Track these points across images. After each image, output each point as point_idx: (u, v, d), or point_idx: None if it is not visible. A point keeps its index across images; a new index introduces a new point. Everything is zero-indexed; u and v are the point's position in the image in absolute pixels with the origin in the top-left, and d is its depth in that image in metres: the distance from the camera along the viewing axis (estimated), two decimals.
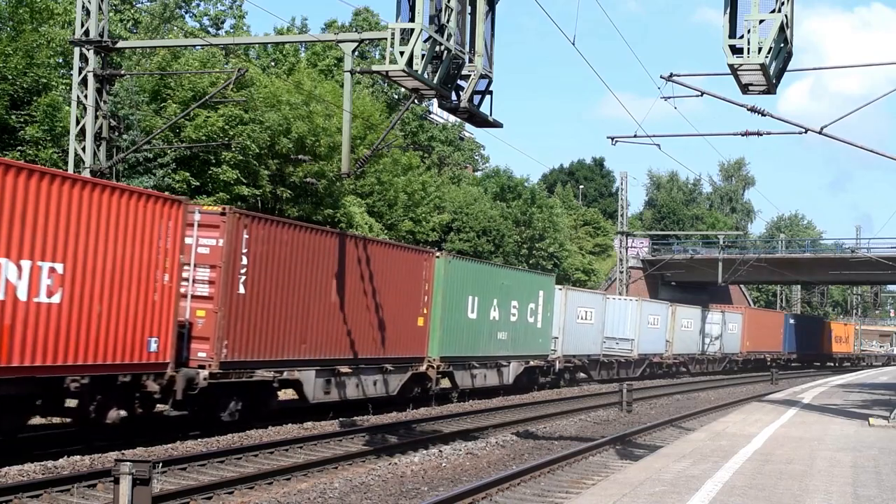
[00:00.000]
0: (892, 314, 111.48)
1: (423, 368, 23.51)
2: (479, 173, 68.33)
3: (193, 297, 16.72)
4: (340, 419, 19.81)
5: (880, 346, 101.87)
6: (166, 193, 18.33)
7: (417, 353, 23.30)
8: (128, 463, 9.33)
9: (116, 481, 9.30)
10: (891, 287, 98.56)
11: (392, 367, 22.14)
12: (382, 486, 12.93)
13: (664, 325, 44.33)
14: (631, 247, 60.97)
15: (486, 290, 26.48)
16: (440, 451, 16.18)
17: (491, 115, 13.67)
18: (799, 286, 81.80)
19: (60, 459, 13.39)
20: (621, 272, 57.56)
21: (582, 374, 36.78)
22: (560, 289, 33.21)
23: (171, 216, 15.39)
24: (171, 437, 15.88)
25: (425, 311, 23.44)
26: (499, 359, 27.66)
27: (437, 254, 24.36)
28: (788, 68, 12.41)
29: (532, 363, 30.05)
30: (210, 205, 30.29)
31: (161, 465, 12.78)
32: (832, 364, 75.78)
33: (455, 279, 24.56)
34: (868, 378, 40.22)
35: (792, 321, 65.22)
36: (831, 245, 70.54)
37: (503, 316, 27.58)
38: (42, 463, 13.01)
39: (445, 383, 25.95)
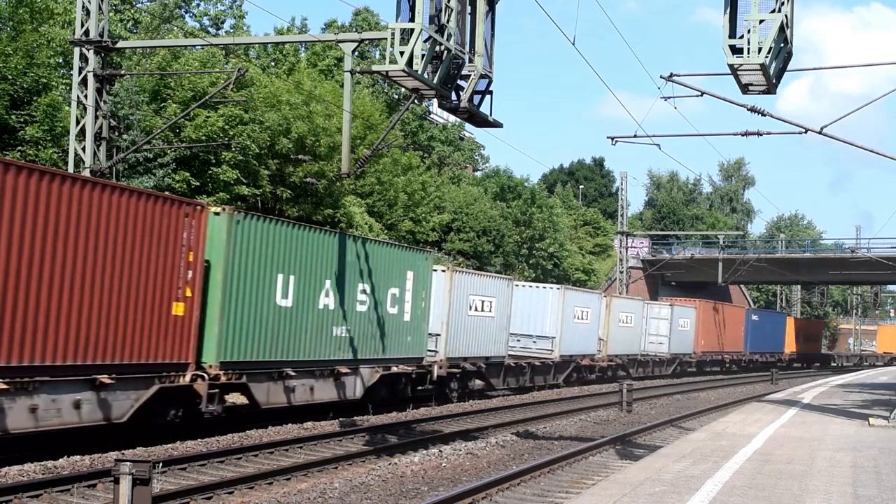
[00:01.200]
0: (892, 314, 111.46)
1: (184, 380, 15.81)
2: (479, 173, 68.35)
3: None
4: (340, 419, 19.81)
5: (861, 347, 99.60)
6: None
7: (174, 358, 15.58)
8: (128, 463, 9.33)
9: (116, 481, 9.29)
10: (891, 287, 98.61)
11: (114, 380, 14.24)
12: (382, 486, 12.93)
13: (596, 321, 36.19)
14: (631, 247, 60.99)
15: (312, 267, 18.99)
16: (440, 451, 16.18)
17: (491, 115, 13.68)
18: (799, 286, 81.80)
19: (60, 459, 13.39)
20: (621, 272, 57.58)
21: (479, 382, 28.56)
22: (443, 270, 25.57)
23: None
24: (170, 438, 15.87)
25: (190, 294, 15.88)
26: (337, 364, 19.87)
27: (216, 209, 16.72)
28: (788, 68, 12.42)
29: (396, 369, 22.18)
30: (212, 204, 30.36)
31: (161, 465, 12.78)
32: (800, 366, 70.15)
33: (250, 248, 17.19)
34: (868, 378, 40.22)
35: (755, 317, 59.49)
36: (831, 245, 70.56)
37: (345, 304, 20.05)
38: (42, 463, 13.01)
39: (239, 398, 19.27)
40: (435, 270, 24.76)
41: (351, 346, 20.42)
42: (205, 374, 16.12)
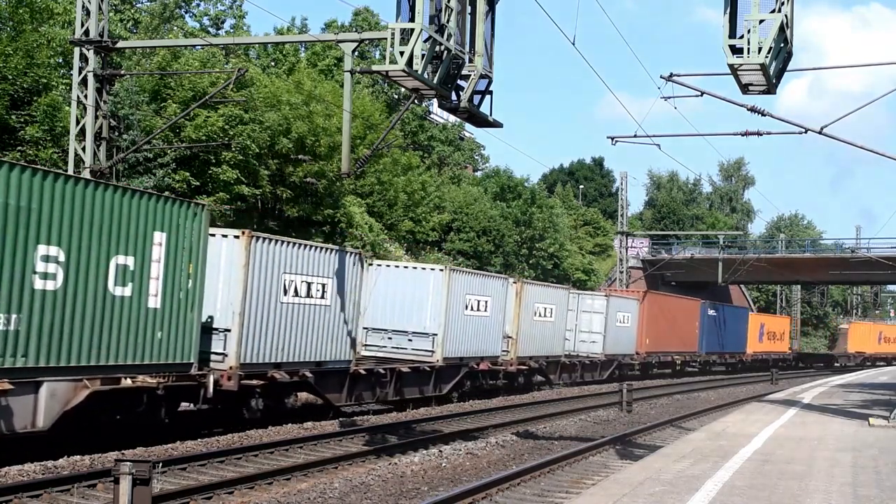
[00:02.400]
0: (892, 314, 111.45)
1: None
2: (479, 173, 68.36)
3: None
4: (340, 419, 19.83)
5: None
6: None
7: None
8: (128, 463, 9.33)
9: (116, 481, 9.30)
10: (891, 287, 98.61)
11: None
12: (382, 486, 12.93)
13: (499, 313, 27.89)
14: (631, 247, 61.03)
15: None
16: (440, 451, 16.19)
17: (491, 115, 13.68)
18: (799, 286, 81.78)
19: (60, 459, 13.40)
20: (621, 272, 57.62)
21: (307, 396, 21.66)
22: (236, 237, 17.51)
23: None
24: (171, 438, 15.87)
25: None
26: None
27: None
28: (788, 68, 12.42)
29: (129, 382, 14.74)
30: (211, 204, 30.38)
31: (161, 465, 12.79)
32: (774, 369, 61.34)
33: None
34: (868, 378, 40.22)
35: (712, 312, 51.93)
36: (831, 245, 70.52)
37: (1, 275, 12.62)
38: (42, 463, 13.01)
39: None
40: (225, 236, 17.60)
41: (17, 347, 12.88)
42: None
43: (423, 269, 26.15)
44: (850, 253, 59.37)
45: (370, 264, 25.27)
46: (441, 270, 25.46)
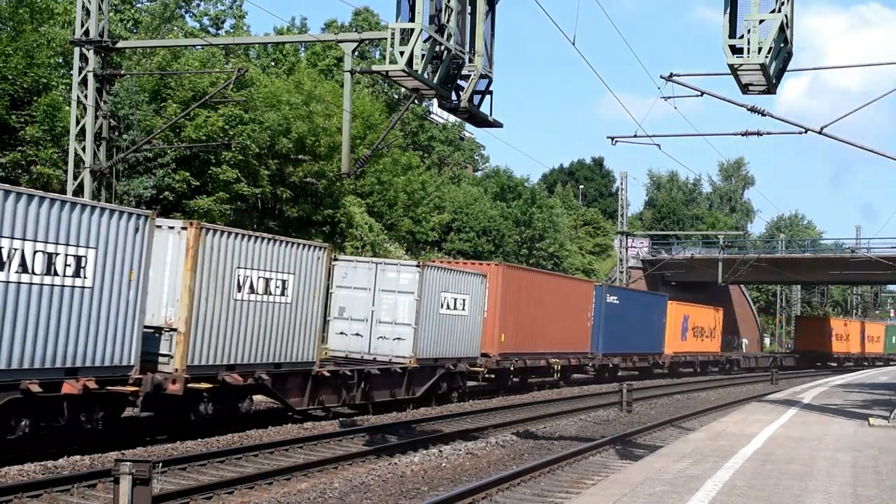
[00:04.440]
0: (892, 314, 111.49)
1: None
2: (479, 173, 68.38)
3: None
4: (340, 419, 19.82)
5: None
6: None
7: None
8: (128, 463, 9.33)
9: (116, 481, 9.30)
10: (891, 287, 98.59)
11: None
12: (382, 486, 12.93)
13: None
14: (631, 247, 61.05)
15: None
16: (440, 450, 16.19)
17: (491, 115, 13.66)
18: (799, 286, 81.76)
19: (60, 459, 13.40)
20: (621, 272, 57.65)
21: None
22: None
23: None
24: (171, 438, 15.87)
25: None
26: None
27: None
28: (788, 68, 12.42)
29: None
30: (210, 204, 30.40)
31: (161, 465, 12.79)
32: (692, 371, 50.55)
33: None
34: (868, 378, 40.23)
35: (613, 299, 38.36)
36: (831, 245, 70.49)
37: None
38: (42, 463, 13.01)
39: None
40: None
41: None
42: None
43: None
44: (850, 253, 59.35)
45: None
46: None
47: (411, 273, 23.41)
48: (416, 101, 34.20)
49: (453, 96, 13.00)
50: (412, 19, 11.72)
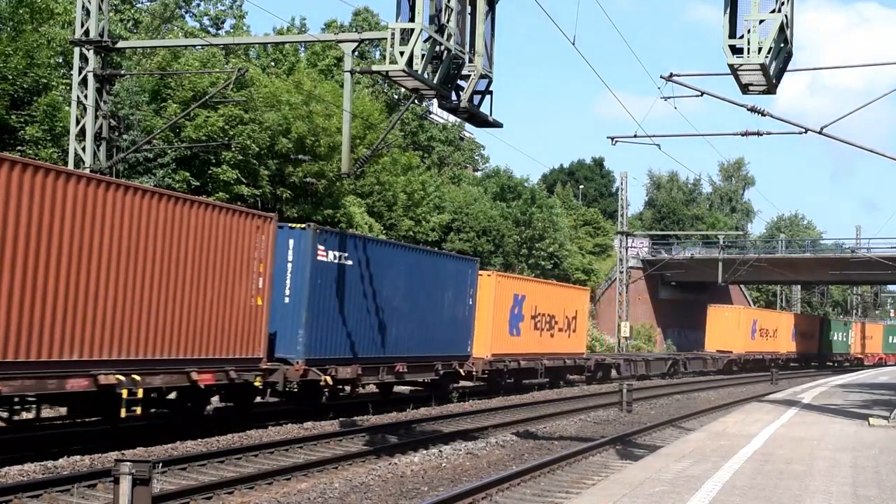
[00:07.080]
0: (892, 314, 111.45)
1: None
2: (479, 173, 68.38)
3: None
4: (340, 419, 19.82)
5: None
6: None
7: None
8: (128, 463, 9.31)
9: (116, 481, 9.28)
10: (891, 287, 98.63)
11: None
12: (382, 486, 12.93)
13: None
14: (631, 247, 61.07)
15: None
16: (440, 451, 16.18)
17: (491, 115, 13.66)
18: (799, 286, 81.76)
19: (60, 459, 13.38)
20: (621, 272, 57.65)
21: None
22: None
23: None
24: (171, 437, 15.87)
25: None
26: None
27: None
28: (788, 68, 12.42)
29: None
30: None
31: (161, 465, 12.78)
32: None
33: None
34: (868, 378, 40.23)
35: (335, 257, 20.21)
36: (831, 245, 70.52)
37: None
38: (42, 463, 13.00)
39: None
40: None
41: None
42: None
43: None
44: (850, 253, 59.39)
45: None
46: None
47: None
48: (416, 101, 34.18)
49: (453, 96, 13.01)
50: (412, 19, 11.72)
